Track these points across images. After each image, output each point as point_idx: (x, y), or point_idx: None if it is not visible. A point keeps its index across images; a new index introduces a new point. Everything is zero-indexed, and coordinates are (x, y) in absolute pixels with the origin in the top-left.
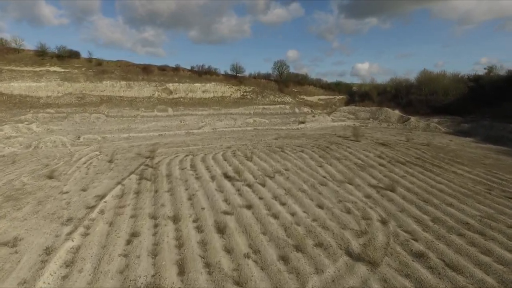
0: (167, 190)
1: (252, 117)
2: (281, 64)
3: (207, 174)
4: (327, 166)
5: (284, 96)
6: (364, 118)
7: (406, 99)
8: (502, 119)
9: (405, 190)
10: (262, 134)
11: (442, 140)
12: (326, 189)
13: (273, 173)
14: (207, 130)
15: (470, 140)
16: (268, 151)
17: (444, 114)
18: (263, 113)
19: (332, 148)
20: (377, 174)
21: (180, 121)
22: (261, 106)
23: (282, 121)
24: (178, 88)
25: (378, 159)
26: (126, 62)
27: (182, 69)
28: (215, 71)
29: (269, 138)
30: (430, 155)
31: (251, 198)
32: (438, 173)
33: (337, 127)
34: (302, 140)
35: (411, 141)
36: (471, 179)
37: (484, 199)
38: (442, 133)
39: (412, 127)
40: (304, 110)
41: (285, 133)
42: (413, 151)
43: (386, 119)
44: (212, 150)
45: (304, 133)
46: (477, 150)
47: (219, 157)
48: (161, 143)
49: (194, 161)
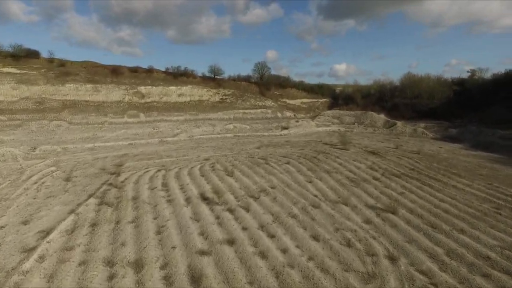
0: (131, 221)
1: (232, 123)
2: (262, 65)
3: (181, 195)
4: (317, 182)
5: (265, 100)
6: (349, 122)
7: (391, 103)
8: (490, 124)
9: (408, 212)
10: (243, 142)
11: (432, 147)
12: (319, 212)
13: (257, 193)
14: (183, 137)
15: (459, 146)
16: (251, 163)
17: (430, 119)
18: (244, 118)
19: (320, 158)
20: (373, 191)
21: (153, 128)
22: (241, 110)
23: (264, 127)
24: (151, 91)
25: (370, 171)
26: (93, 63)
27: (155, 71)
28: (192, 73)
29: (251, 147)
30: (424, 165)
31: (233, 229)
32: (438, 188)
33: (322, 132)
34: (286, 149)
35: (401, 148)
36: (474, 195)
37: (496, 221)
38: (430, 138)
39: (398, 132)
40: (286, 115)
41: (268, 140)
42: (405, 161)
43: (371, 123)
44: (188, 162)
45: (288, 140)
46: (469, 158)
47: (196, 172)
48: (131, 154)
49: (166, 177)
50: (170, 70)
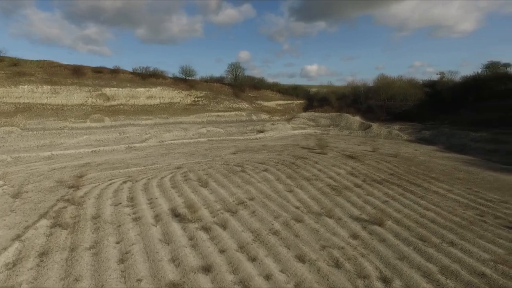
0: (90, 246)
1: (206, 126)
2: (235, 66)
3: (149, 212)
4: (298, 191)
5: (240, 102)
6: (324, 125)
7: (365, 105)
8: (461, 126)
9: (395, 223)
10: (217, 147)
11: (408, 150)
12: (302, 227)
13: (235, 206)
14: (152, 143)
15: (434, 148)
16: (227, 171)
17: (404, 121)
18: (218, 121)
19: (299, 164)
20: (356, 200)
21: (119, 133)
22: (215, 113)
23: (239, 130)
24: (117, 93)
25: (351, 178)
26: (51, 62)
27: (122, 72)
28: (162, 74)
29: (226, 153)
30: (403, 169)
31: (209, 252)
32: (420, 195)
33: (298, 135)
34: (263, 154)
35: (378, 151)
36: (456, 201)
37: (483, 231)
38: (404, 140)
39: (374, 134)
40: (262, 117)
41: (243, 145)
42: (384, 165)
43: (347, 126)
44: (158, 172)
45: (264, 144)
46: (445, 160)
47: (166, 183)
48: (93, 163)
49: (133, 190)
50: (138, 70)
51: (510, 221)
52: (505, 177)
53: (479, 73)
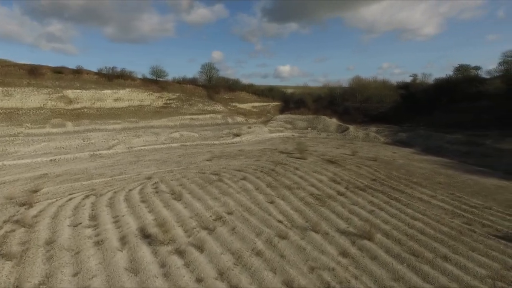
0: (39, 283)
1: (179, 131)
2: (209, 67)
3: (114, 233)
4: (280, 202)
5: (214, 104)
6: (302, 127)
7: (342, 107)
8: (436, 128)
9: (384, 236)
10: (191, 153)
11: (386, 153)
12: (288, 245)
13: (212, 222)
14: (120, 150)
15: (411, 151)
16: (202, 180)
17: (380, 123)
18: (191, 124)
19: (279, 171)
20: (341, 211)
21: (83, 139)
22: (188, 116)
23: (215, 134)
24: (80, 96)
25: (334, 185)
26: (4, 61)
27: (86, 72)
28: (131, 74)
29: (201, 159)
30: (384, 174)
31: (184, 282)
32: (406, 202)
33: (275, 139)
34: (241, 160)
35: (357, 155)
36: (442, 208)
37: (474, 242)
38: (382, 143)
39: (352, 137)
40: (237, 120)
41: (219, 150)
42: (365, 170)
43: (324, 128)
44: (126, 183)
45: (241, 149)
46: (423, 163)
47: (135, 196)
48: (52, 174)
49: (96, 207)
50: (104, 71)
51: (497, 229)
52: (483, 180)
53: (451, 76)
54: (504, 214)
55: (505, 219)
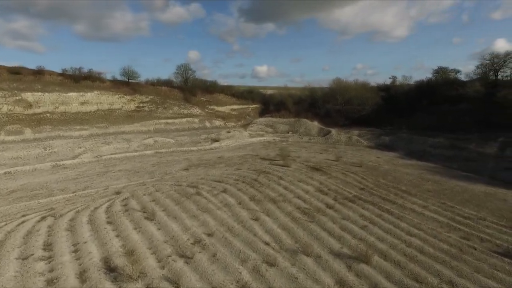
0: None
1: (153, 136)
2: (185, 68)
3: (72, 268)
4: (265, 219)
5: (191, 107)
6: (283, 131)
7: (323, 109)
8: (418, 130)
9: (382, 258)
10: (167, 162)
11: (371, 158)
12: (277, 274)
13: (190, 247)
14: (87, 159)
15: (395, 155)
16: (178, 194)
17: (362, 126)
18: (167, 129)
19: (262, 181)
20: (332, 227)
21: (44, 148)
22: (163, 120)
23: (192, 140)
24: (42, 99)
25: (321, 196)
26: None
27: (49, 73)
28: (99, 76)
29: (177, 168)
30: (372, 182)
31: None
32: (398, 215)
33: (256, 144)
34: (220, 169)
35: (342, 160)
36: (436, 221)
37: (477, 261)
38: (365, 147)
39: (334, 140)
40: (216, 124)
41: (197, 157)
42: (351, 178)
43: (306, 132)
44: (91, 200)
45: (220, 156)
46: (409, 169)
47: (101, 217)
48: (4, 190)
49: (53, 232)
50: (70, 72)
51: (497, 244)
52: (470, 187)
53: (431, 78)
54: (500, 226)
55: (502, 231)
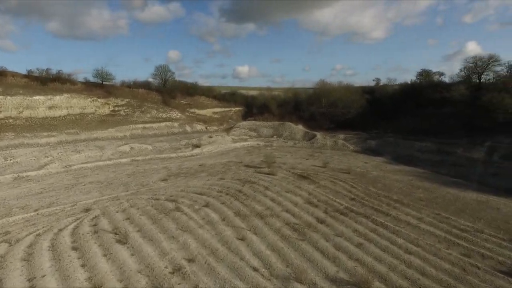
0: None
1: (129, 143)
2: (164, 69)
3: None
4: (252, 238)
5: (170, 111)
6: (267, 135)
7: (308, 112)
8: (404, 134)
9: (383, 283)
10: (144, 171)
11: (358, 163)
12: None
13: (169, 278)
14: (54, 170)
15: (382, 160)
16: (156, 211)
17: (348, 129)
18: (144, 135)
19: (247, 192)
20: (325, 246)
21: (4, 158)
22: (140, 125)
23: (171, 146)
24: (4, 103)
25: (311, 209)
26: None
27: (12, 74)
28: (70, 78)
29: (155, 179)
30: (362, 191)
31: None
32: (394, 229)
33: (240, 149)
34: (202, 179)
35: (329, 167)
36: (434, 235)
37: (483, 283)
38: (351, 151)
39: (320, 145)
40: (197, 128)
41: (177, 165)
42: (341, 186)
43: (291, 136)
44: (55, 220)
45: (202, 163)
46: (398, 175)
47: (65, 241)
48: None
49: (5, 263)
50: (36, 73)
51: (499, 261)
52: (462, 194)
53: (415, 81)
54: (499, 239)
55: (502, 246)
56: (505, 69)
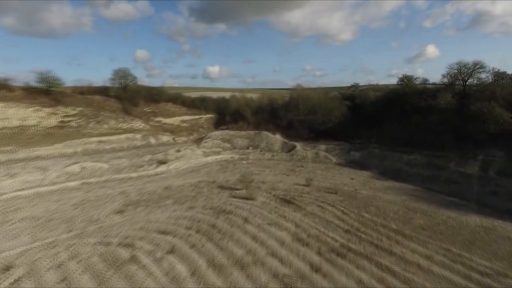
0: None
1: (80, 161)
2: (124, 73)
3: None
4: None
5: (132, 120)
6: (242, 146)
7: (285, 120)
8: (390, 145)
9: None
10: (95, 199)
11: (344, 179)
12: None
13: None
14: None
15: (369, 175)
16: (104, 264)
17: (329, 139)
18: (100, 150)
19: (222, 227)
20: None
21: None
22: (95, 138)
23: (132, 163)
24: None
25: (302, 250)
26: None
27: None
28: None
29: (108, 211)
30: (355, 218)
31: None
32: (404, 276)
33: (212, 164)
34: (167, 208)
35: (313, 185)
36: (451, 282)
37: None
38: (334, 164)
39: (300, 157)
40: (163, 140)
41: (137, 189)
42: (330, 213)
43: (268, 147)
44: None
45: (168, 185)
46: (389, 195)
47: None
48: None
49: None
50: None
51: None
52: (464, 219)
53: (398, 88)
54: None
55: None
56: (490, 76)
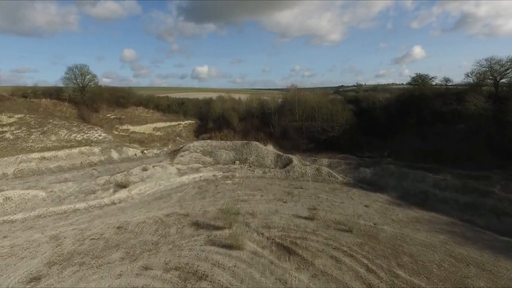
0: None
1: (7, 187)
2: (81, 71)
3: None
4: None
5: (90, 129)
6: (227, 161)
7: (279, 128)
8: (409, 161)
9: None
10: (9, 252)
11: (356, 207)
12: None
13: None
14: None
15: (387, 200)
16: None
17: (332, 151)
18: (41, 170)
19: None
20: None
21: None
22: (37, 154)
23: (81, 188)
24: None
25: None
26: None
27: None
28: None
29: (18, 278)
30: (388, 281)
31: None
32: None
33: (188, 187)
34: (110, 272)
35: (319, 218)
36: None
37: None
38: (341, 184)
39: (298, 175)
40: (129, 153)
41: (77, 232)
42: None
43: (258, 161)
44: None
45: (123, 223)
46: (422, 234)
47: None
48: None
49: None
50: None
51: None
52: None
53: (412, 89)
54: None
55: None
56: None
